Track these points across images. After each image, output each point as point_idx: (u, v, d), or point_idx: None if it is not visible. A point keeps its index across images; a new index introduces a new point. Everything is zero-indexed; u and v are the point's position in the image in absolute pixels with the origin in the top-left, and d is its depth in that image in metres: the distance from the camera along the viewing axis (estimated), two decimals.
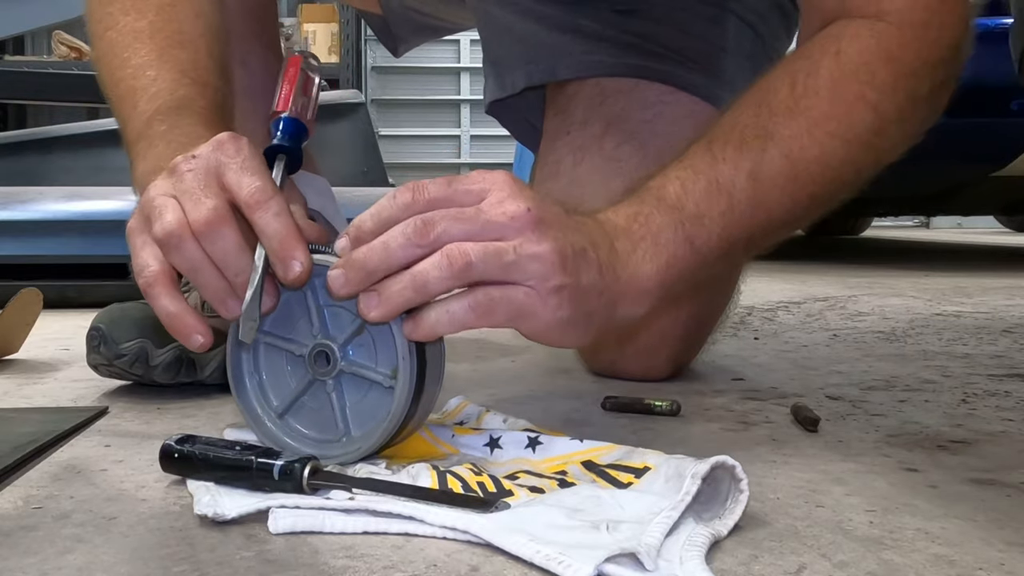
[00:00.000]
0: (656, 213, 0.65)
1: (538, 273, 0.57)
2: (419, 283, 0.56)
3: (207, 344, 0.60)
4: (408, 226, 0.56)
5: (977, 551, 0.50)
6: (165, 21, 0.78)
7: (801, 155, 0.69)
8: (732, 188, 0.67)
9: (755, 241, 0.71)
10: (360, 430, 0.62)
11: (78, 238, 1.73)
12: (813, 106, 0.69)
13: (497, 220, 0.57)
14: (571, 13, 1.01)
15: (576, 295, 0.59)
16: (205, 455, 0.57)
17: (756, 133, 0.69)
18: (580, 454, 0.63)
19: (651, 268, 0.64)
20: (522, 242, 0.57)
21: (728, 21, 1.00)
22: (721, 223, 0.67)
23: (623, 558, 0.46)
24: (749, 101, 0.71)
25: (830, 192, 0.72)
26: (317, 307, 0.63)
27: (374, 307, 0.57)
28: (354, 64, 5.21)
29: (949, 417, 0.83)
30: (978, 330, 1.42)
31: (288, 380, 0.64)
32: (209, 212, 0.58)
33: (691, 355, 1.03)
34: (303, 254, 0.58)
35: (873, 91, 0.70)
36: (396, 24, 1.27)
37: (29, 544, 0.51)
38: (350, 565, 0.48)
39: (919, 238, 5.16)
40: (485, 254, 0.56)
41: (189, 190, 0.59)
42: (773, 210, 0.69)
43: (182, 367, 0.89)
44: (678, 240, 0.65)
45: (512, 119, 1.13)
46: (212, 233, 0.58)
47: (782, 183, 0.69)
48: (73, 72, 3.35)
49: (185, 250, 0.59)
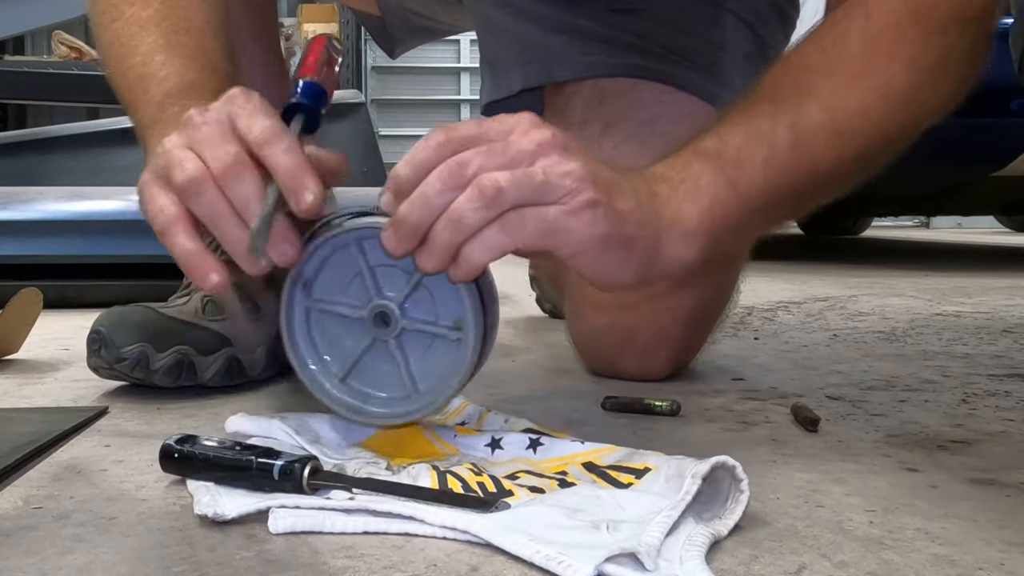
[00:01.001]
0: (694, 161, 0.64)
1: (569, 189, 0.57)
2: (455, 219, 0.56)
3: (223, 284, 0.59)
4: (443, 171, 0.56)
5: (977, 551, 0.50)
6: (170, 9, 0.78)
7: (841, 108, 0.68)
8: (772, 136, 0.66)
9: (801, 194, 0.70)
10: (427, 384, 0.63)
11: (78, 238, 1.73)
12: (848, 65, 0.69)
13: (526, 148, 0.57)
14: (568, 13, 1.01)
15: (612, 214, 0.58)
16: (205, 455, 0.57)
17: (792, 90, 0.68)
18: (581, 455, 0.63)
19: (693, 210, 0.63)
20: (551, 163, 0.57)
21: (726, 21, 1.00)
22: (763, 169, 0.66)
23: (623, 558, 0.46)
24: (781, 65, 0.71)
25: (876, 149, 0.71)
26: (369, 268, 0.63)
27: (426, 258, 0.57)
28: (354, 64, 5.22)
29: (949, 417, 0.83)
30: (978, 330, 1.42)
31: (345, 343, 0.64)
32: (228, 157, 0.58)
33: (691, 355, 1.03)
34: (314, 183, 0.58)
35: (906, 49, 0.70)
36: (393, 25, 1.27)
37: (29, 544, 0.51)
38: (350, 565, 0.48)
39: (919, 238, 5.16)
40: (515, 178, 0.56)
41: (206, 139, 0.59)
42: (818, 162, 0.68)
43: (183, 371, 0.89)
44: (719, 183, 0.64)
45: None
46: (232, 178, 0.58)
47: (824, 136, 0.68)
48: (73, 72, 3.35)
49: (207, 196, 0.58)
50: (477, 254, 0.57)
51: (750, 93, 0.71)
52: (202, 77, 0.73)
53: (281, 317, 0.64)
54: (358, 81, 5.30)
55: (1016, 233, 5.14)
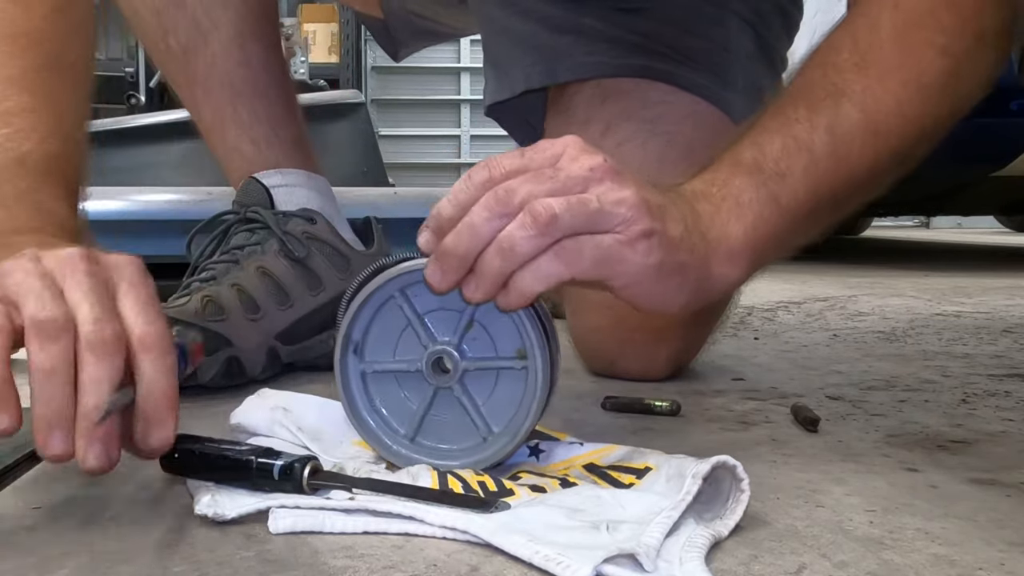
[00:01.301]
0: (735, 176, 0.63)
1: (625, 217, 0.55)
2: (506, 247, 0.54)
3: (8, 430, 0.53)
4: (490, 198, 0.54)
5: (977, 551, 0.50)
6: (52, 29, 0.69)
7: (876, 107, 0.67)
8: (811, 144, 0.65)
9: (840, 199, 0.69)
10: (500, 424, 0.60)
11: None
12: (880, 59, 0.68)
13: (577, 174, 0.55)
14: (574, 12, 1.00)
15: (665, 242, 0.57)
16: (205, 455, 0.57)
17: (827, 91, 0.67)
18: (581, 458, 0.63)
19: (738, 228, 0.62)
20: (605, 190, 0.55)
21: (730, 21, 1.00)
22: (804, 180, 0.65)
23: (622, 559, 0.46)
24: (812, 63, 0.70)
25: (911, 145, 0.70)
26: (418, 316, 0.60)
27: (473, 288, 0.55)
28: (354, 64, 5.22)
29: (949, 417, 0.83)
30: (978, 330, 1.42)
31: (408, 400, 0.62)
32: (112, 336, 0.50)
33: (691, 355, 1.03)
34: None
35: (941, 35, 0.68)
36: (397, 28, 1.27)
37: (29, 544, 0.51)
38: (350, 565, 0.48)
39: (919, 238, 5.16)
40: (569, 205, 0.54)
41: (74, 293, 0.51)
42: (855, 166, 0.67)
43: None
44: (762, 199, 0.63)
45: (512, 121, 1.13)
46: (107, 355, 0.50)
47: (861, 137, 0.67)
48: None
49: (63, 344, 0.51)
50: (529, 283, 0.55)
51: (784, 94, 0.69)
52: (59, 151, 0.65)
53: (338, 386, 0.62)
54: (358, 81, 5.29)
55: (1016, 233, 5.14)
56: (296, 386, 0.89)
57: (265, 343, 0.97)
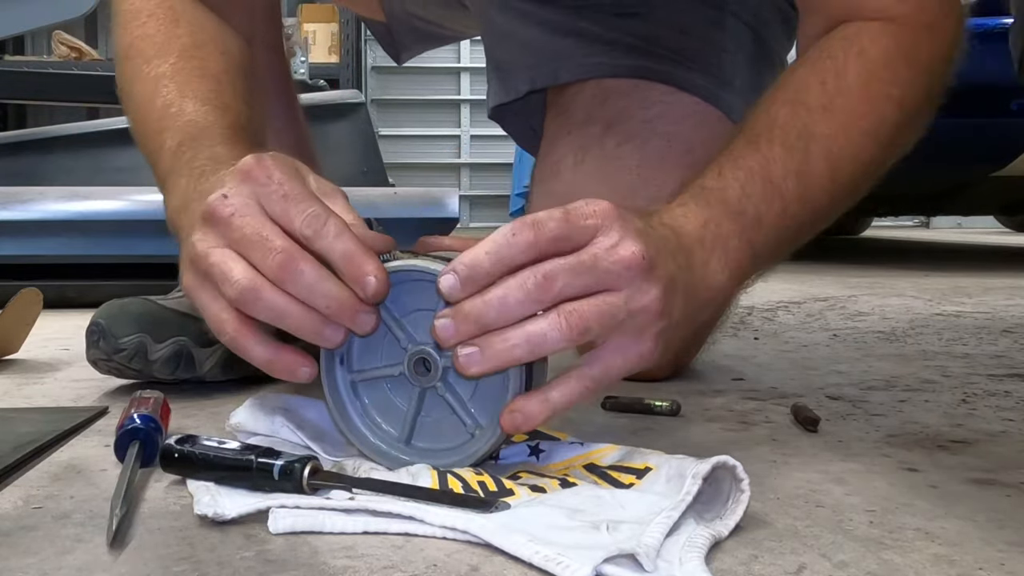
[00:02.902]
0: (725, 220, 0.65)
1: (642, 324, 0.57)
2: (535, 344, 0.55)
3: (314, 374, 0.59)
4: (528, 281, 0.54)
5: (977, 551, 0.50)
6: (186, 61, 0.79)
7: (839, 154, 0.71)
8: (783, 189, 0.68)
9: (798, 239, 0.72)
10: (486, 416, 0.60)
11: (78, 238, 1.73)
12: (846, 106, 0.71)
13: (613, 270, 0.56)
14: (573, 17, 1.01)
15: (669, 331, 0.60)
16: (205, 455, 0.57)
17: (798, 133, 0.70)
18: (581, 458, 0.63)
19: (723, 278, 0.65)
20: (632, 294, 0.56)
21: (728, 23, 1.01)
22: (776, 225, 0.68)
23: (622, 559, 0.46)
24: (781, 99, 0.72)
25: (859, 188, 0.74)
26: (395, 321, 0.61)
27: (476, 364, 0.55)
28: (354, 64, 5.22)
29: (949, 417, 0.83)
30: (978, 330, 1.42)
31: (397, 404, 0.62)
32: (280, 257, 0.56)
33: (691, 355, 1.03)
34: (375, 267, 0.56)
35: (898, 89, 0.72)
36: (399, 32, 1.28)
37: (29, 544, 0.51)
38: (350, 565, 0.48)
39: (919, 238, 5.16)
40: (600, 317, 0.55)
41: (247, 238, 0.57)
42: (816, 208, 0.71)
43: (181, 362, 0.89)
44: (742, 247, 0.66)
45: (515, 124, 1.14)
46: (290, 276, 0.56)
47: (824, 183, 0.70)
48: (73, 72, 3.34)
49: (265, 301, 0.56)
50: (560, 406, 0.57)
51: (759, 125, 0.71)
52: (212, 117, 0.73)
53: (327, 398, 0.63)
54: (358, 81, 5.29)
55: (1016, 233, 5.14)
56: (295, 385, 0.89)
57: None
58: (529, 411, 0.57)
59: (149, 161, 0.76)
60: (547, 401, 0.57)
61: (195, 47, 0.81)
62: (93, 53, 3.78)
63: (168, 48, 0.80)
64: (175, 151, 0.70)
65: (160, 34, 0.82)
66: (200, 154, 0.68)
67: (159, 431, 0.65)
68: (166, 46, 0.81)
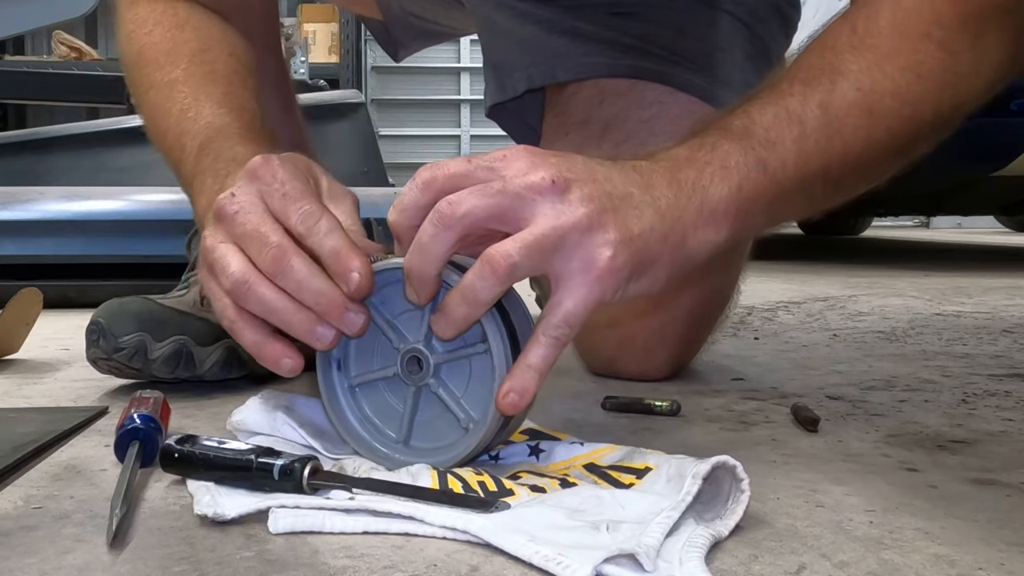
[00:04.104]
0: (722, 140, 0.63)
1: (579, 243, 0.56)
2: (470, 297, 0.56)
3: (296, 368, 0.60)
4: (434, 214, 0.56)
5: (977, 551, 0.50)
6: (197, 65, 0.80)
7: (872, 87, 0.66)
8: (803, 116, 0.65)
9: (833, 176, 0.67)
10: (480, 410, 0.60)
11: (78, 238, 1.73)
12: (879, 44, 0.67)
13: (521, 193, 0.55)
14: (569, 16, 1.01)
15: (631, 245, 0.57)
16: (205, 455, 0.57)
17: (822, 69, 0.67)
18: (581, 458, 0.63)
19: (722, 190, 0.61)
20: (556, 216, 0.55)
21: (724, 22, 1.01)
22: (795, 150, 0.64)
23: (622, 559, 0.46)
24: (811, 48, 0.70)
25: (911, 132, 0.69)
26: (387, 322, 0.62)
27: (443, 329, 0.57)
28: (354, 64, 5.22)
29: (949, 417, 0.83)
30: (978, 330, 1.42)
31: (394, 405, 0.63)
32: (273, 250, 0.58)
33: (691, 355, 1.03)
34: (360, 264, 0.58)
35: (939, 29, 0.68)
36: (397, 29, 1.28)
37: (29, 544, 0.51)
38: (350, 565, 0.48)
39: (919, 238, 5.16)
40: (525, 250, 0.55)
41: (247, 234, 0.59)
42: (850, 143, 0.66)
43: (181, 361, 0.89)
44: (749, 163, 0.62)
45: (512, 123, 1.14)
46: (280, 270, 0.58)
47: (856, 114, 0.66)
48: (73, 72, 3.35)
49: (255, 294, 0.58)
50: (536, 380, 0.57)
51: (780, 74, 0.69)
52: (228, 119, 0.75)
53: (325, 403, 0.63)
54: (358, 81, 5.30)
55: (1016, 233, 5.14)
56: (296, 385, 0.89)
57: None
58: (519, 385, 0.56)
59: (172, 165, 0.78)
60: (529, 367, 0.57)
61: (203, 51, 0.82)
62: (93, 53, 3.78)
63: (177, 54, 0.82)
64: (197, 154, 0.73)
65: (167, 40, 0.83)
66: (222, 155, 0.71)
67: (159, 431, 0.65)
68: (175, 52, 0.82)
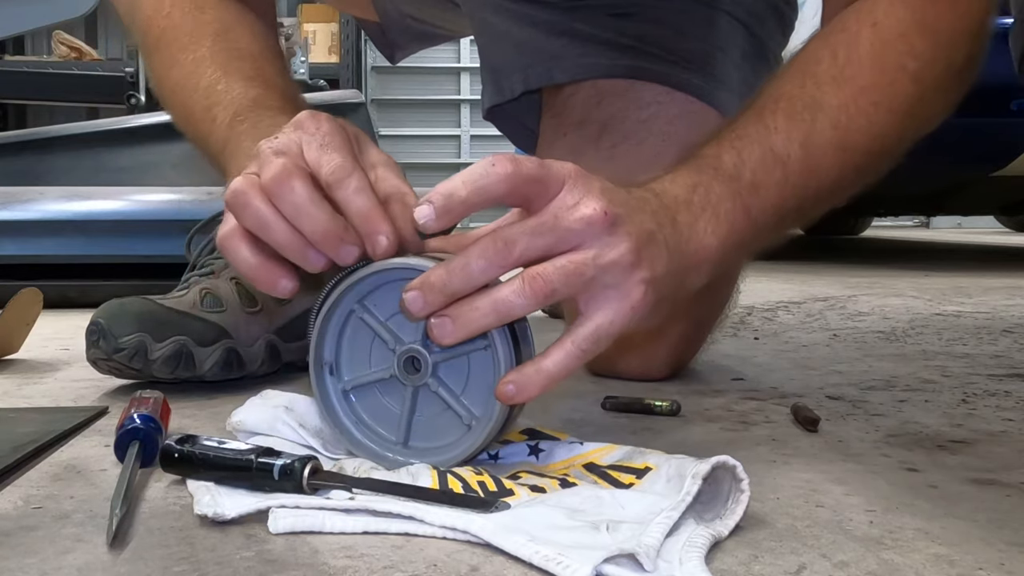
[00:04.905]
0: (715, 183, 0.65)
1: (620, 278, 0.57)
2: (503, 311, 0.56)
3: (294, 289, 0.60)
4: (489, 248, 0.55)
5: (977, 551, 0.50)
6: (222, 44, 0.81)
7: (848, 125, 0.69)
8: (786, 158, 0.67)
9: (805, 210, 0.71)
10: (480, 407, 0.60)
11: (78, 238, 1.73)
12: (857, 76, 0.70)
13: (574, 228, 0.56)
14: (567, 17, 1.01)
15: (654, 286, 0.59)
16: (205, 455, 0.57)
17: (805, 103, 0.69)
18: (581, 457, 0.63)
19: (713, 240, 0.64)
20: (600, 250, 0.56)
21: (722, 22, 1.01)
22: (776, 193, 0.67)
23: (622, 559, 0.46)
24: (792, 72, 0.72)
25: (874, 162, 0.73)
26: (381, 324, 0.61)
27: (449, 334, 0.56)
28: (354, 64, 5.22)
29: (949, 417, 0.83)
30: (978, 330, 1.42)
31: (391, 407, 0.62)
32: (278, 168, 0.58)
33: (691, 355, 1.03)
34: (387, 227, 0.58)
35: (913, 60, 0.70)
36: (393, 31, 1.28)
37: (29, 544, 0.51)
38: (350, 565, 0.48)
39: (919, 238, 5.16)
40: (566, 277, 0.56)
41: (265, 160, 0.60)
42: (823, 180, 0.70)
43: (181, 361, 0.89)
44: (737, 210, 0.65)
45: (510, 124, 1.14)
46: (281, 188, 0.58)
47: (832, 152, 0.69)
48: (73, 72, 3.35)
49: (250, 207, 0.58)
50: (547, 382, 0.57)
51: (762, 97, 0.71)
52: (263, 92, 0.75)
53: (320, 407, 0.63)
54: (358, 81, 5.29)
55: (1016, 233, 5.14)
56: (296, 386, 0.89)
57: (264, 338, 0.97)
58: (523, 381, 0.57)
59: (197, 141, 0.78)
60: (540, 371, 0.57)
61: (226, 31, 0.82)
62: (93, 53, 3.78)
63: (200, 34, 0.82)
64: (231, 123, 0.72)
65: (188, 22, 0.83)
66: (262, 122, 0.70)
67: (159, 431, 0.65)
68: (197, 32, 0.82)
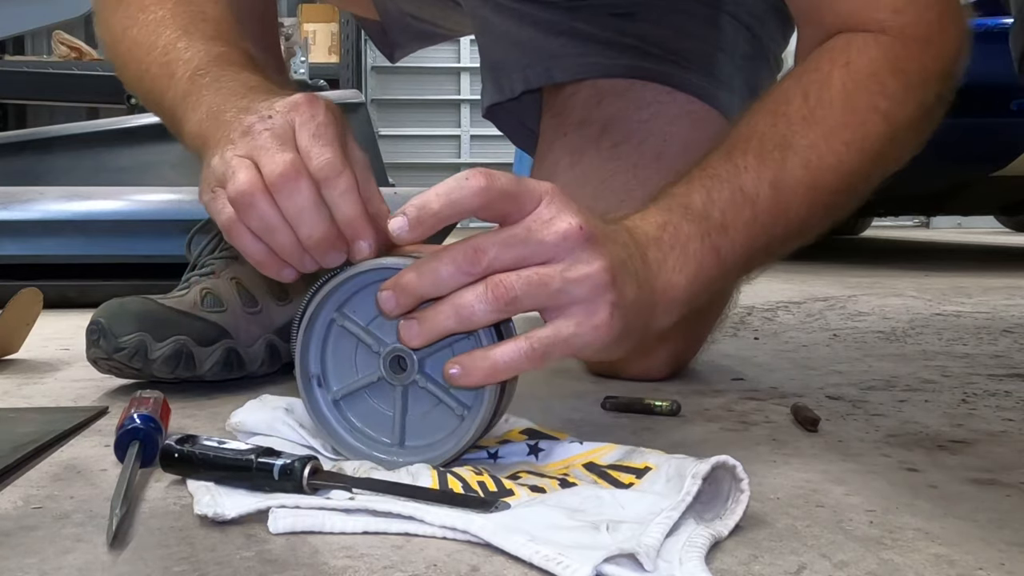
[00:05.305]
0: (684, 223, 0.65)
1: (591, 294, 0.57)
2: (464, 316, 0.56)
3: (296, 275, 0.61)
4: (459, 254, 0.56)
5: (977, 551, 0.50)
6: (184, 6, 0.79)
7: (819, 164, 0.69)
8: (756, 198, 0.67)
9: (773, 248, 0.71)
10: (471, 396, 0.60)
11: (78, 238, 1.73)
12: (828, 116, 0.70)
13: (547, 240, 0.56)
14: (568, 17, 1.01)
15: (622, 315, 0.59)
16: (205, 455, 0.57)
17: (776, 143, 0.69)
18: (581, 457, 0.63)
19: (682, 279, 0.64)
20: (572, 263, 0.57)
21: (724, 23, 1.01)
22: (745, 232, 0.67)
23: (622, 559, 0.46)
24: (763, 110, 0.72)
25: (843, 201, 0.73)
26: (362, 329, 0.62)
27: (415, 336, 0.57)
28: (354, 64, 5.21)
29: (949, 417, 0.83)
30: (978, 330, 1.42)
31: (383, 412, 0.63)
32: (284, 166, 0.58)
33: (690, 355, 1.03)
34: (371, 234, 0.59)
35: (885, 101, 0.71)
36: (394, 30, 1.28)
37: (29, 544, 0.51)
38: (350, 565, 0.48)
39: (919, 238, 5.16)
40: (529, 286, 0.56)
41: (263, 146, 0.59)
42: (792, 219, 0.70)
43: (181, 361, 0.89)
44: (705, 250, 0.65)
45: (510, 123, 1.14)
46: (286, 187, 0.58)
47: (802, 192, 0.69)
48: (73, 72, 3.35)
49: (256, 208, 0.59)
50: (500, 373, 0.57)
51: (733, 136, 0.71)
52: (227, 50, 0.74)
53: (312, 419, 0.63)
54: (358, 81, 5.29)
55: (1016, 233, 5.14)
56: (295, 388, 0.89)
57: (264, 338, 0.97)
58: (469, 365, 0.57)
59: (154, 97, 0.76)
60: (487, 358, 0.57)
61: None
62: (93, 53, 3.78)
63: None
64: (191, 77, 0.71)
65: None
66: (224, 76, 0.70)
67: (159, 431, 0.65)
68: None
